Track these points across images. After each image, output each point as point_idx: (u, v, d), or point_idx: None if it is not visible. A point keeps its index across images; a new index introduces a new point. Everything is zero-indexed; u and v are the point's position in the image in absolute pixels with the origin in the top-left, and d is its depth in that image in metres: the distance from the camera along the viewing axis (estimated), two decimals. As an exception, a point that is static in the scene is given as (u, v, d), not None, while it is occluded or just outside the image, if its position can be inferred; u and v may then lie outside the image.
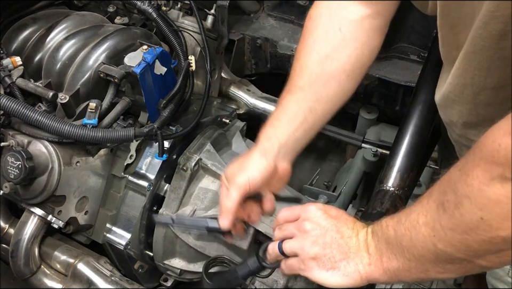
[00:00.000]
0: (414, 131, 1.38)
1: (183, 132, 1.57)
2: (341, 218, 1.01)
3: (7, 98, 1.33)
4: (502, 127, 0.71)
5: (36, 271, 1.54)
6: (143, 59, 1.43)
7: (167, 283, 1.68)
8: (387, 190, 1.31)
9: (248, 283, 1.62)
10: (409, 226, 0.86)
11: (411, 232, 0.85)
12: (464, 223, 0.76)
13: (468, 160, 0.77)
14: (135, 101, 1.49)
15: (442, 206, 0.80)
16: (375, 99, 2.01)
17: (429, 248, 0.83)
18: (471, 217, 0.74)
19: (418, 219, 0.85)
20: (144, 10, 1.61)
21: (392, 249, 0.90)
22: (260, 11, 2.14)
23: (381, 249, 0.92)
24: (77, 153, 1.47)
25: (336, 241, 0.98)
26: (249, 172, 1.11)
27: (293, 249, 1.03)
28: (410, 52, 1.93)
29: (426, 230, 0.83)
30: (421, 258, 0.85)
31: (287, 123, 1.14)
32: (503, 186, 0.70)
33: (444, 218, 0.79)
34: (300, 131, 1.15)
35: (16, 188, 1.40)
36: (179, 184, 1.54)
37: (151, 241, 1.58)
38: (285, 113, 1.15)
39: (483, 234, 0.74)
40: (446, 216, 0.79)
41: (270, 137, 1.15)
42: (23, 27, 1.58)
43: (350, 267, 0.96)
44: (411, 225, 0.86)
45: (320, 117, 1.16)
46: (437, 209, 0.81)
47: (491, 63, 0.85)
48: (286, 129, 1.14)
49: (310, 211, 1.03)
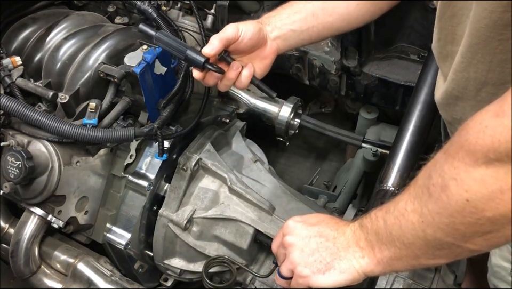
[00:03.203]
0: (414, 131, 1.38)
1: (183, 132, 1.57)
2: (321, 223, 1.02)
3: (7, 98, 1.33)
4: (491, 109, 0.72)
5: (35, 270, 1.54)
6: (143, 59, 1.42)
7: (167, 283, 1.68)
8: (387, 189, 1.30)
9: (248, 283, 1.62)
10: (398, 214, 0.87)
11: (400, 221, 0.86)
12: (450, 205, 0.76)
13: (453, 142, 0.77)
14: (135, 101, 1.49)
15: (428, 190, 0.80)
16: (375, 99, 2.01)
17: (418, 234, 0.83)
18: (457, 199, 0.75)
19: (406, 206, 0.85)
20: (144, 10, 1.60)
21: (382, 240, 0.91)
22: (259, 11, 2.14)
23: (371, 241, 0.93)
24: (77, 153, 1.47)
25: (322, 245, 0.99)
26: (245, 24, 1.18)
27: (287, 269, 1.04)
28: (410, 52, 1.93)
29: (414, 216, 0.83)
30: (411, 246, 0.86)
31: (288, 14, 1.23)
32: (487, 168, 0.70)
33: (430, 202, 0.80)
34: (296, 25, 1.22)
35: (16, 188, 1.40)
36: (179, 184, 1.54)
37: (151, 241, 1.58)
38: (290, 6, 1.24)
39: (469, 216, 0.75)
40: (433, 200, 0.79)
41: (270, 17, 1.24)
42: (23, 27, 1.58)
43: (344, 264, 0.96)
44: (400, 213, 0.86)
45: (319, 24, 1.23)
46: (423, 194, 0.82)
47: (494, 55, 0.85)
48: (285, 17, 1.23)
49: (288, 227, 1.05)
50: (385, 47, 1.94)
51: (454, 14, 0.94)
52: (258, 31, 1.18)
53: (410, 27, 1.88)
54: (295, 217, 1.08)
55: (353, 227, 0.98)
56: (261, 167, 1.71)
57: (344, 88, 2.04)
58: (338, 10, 1.22)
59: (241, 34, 1.16)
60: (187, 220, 1.51)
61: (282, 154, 2.54)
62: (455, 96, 1.01)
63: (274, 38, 1.22)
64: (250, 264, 1.63)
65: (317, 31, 1.24)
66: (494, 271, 1.19)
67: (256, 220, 1.53)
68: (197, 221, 1.54)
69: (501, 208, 0.71)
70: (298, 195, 1.70)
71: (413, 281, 1.42)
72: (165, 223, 1.54)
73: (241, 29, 1.16)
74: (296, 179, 2.44)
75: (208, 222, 1.55)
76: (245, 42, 1.17)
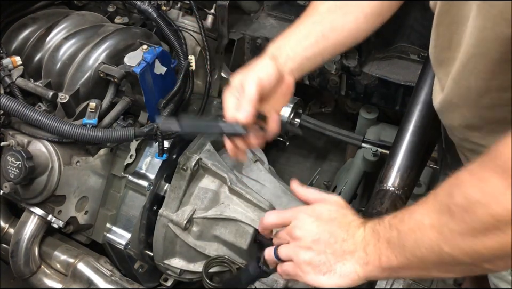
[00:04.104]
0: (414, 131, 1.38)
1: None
2: (334, 222, 1.00)
3: (7, 98, 1.33)
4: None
5: (35, 271, 1.54)
6: (143, 59, 1.43)
7: (167, 283, 1.68)
8: (387, 189, 1.30)
9: (248, 283, 1.62)
10: (414, 227, 0.84)
11: (416, 234, 0.84)
12: (475, 229, 0.74)
13: (482, 165, 0.75)
14: (135, 101, 1.49)
15: (448, 210, 0.78)
16: (375, 99, 2.00)
17: (434, 250, 0.81)
18: (483, 223, 0.73)
19: (423, 220, 0.83)
20: (144, 10, 1.61)
21: (392, 249, 0.89)
22: (259, 11, 2.13)
23: (380, 249, 0.91)
24: (77, 153, 1.47)
25: (330, 246, 0.97)
26: (262, 68, 1.09)
27: (288, 255, 1.02)
28: (410, 52, 1.93)
29: (432, 232, 0.81)
30: (424, 259, 0.84)
31: (298, 40, 1.14)
32: None
33: (451, 222, 0.78)
34: (309, 51, 1.14)
35: (16, 188, 1.40)
36: (179, 183, 1.54)
37: (151, 241, 1.58)
38: (298, 31, 1.16)
39: (494, 240, 0.73)
40: (455, 221, 0.77)
41: (280, 47, 1.14)
42: (23, 27, 1.58)
43: (346, 268, 0.95)
44: (416, 226, 0.84)
45: (331, 45, 1.16)
46: (442, 212, 0.79)
47: (496, 65, 0.84)
48: (295, 44, 1.14)
49: (299, 219, 1.02)
50: (385, 47, 1.94)
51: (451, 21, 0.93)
52: (276, 73, 1.10)
53: (410, 27, 1.87)
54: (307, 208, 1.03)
55: (364, 231, 0.95)
56: (261, 167, 1.71)
57: (344, 88, 2.03)
58: (348, 27, 1.17)
59: (264, 84, 1.08)
60: (187, 220, 1.51)
61: (282, 154, 2.54)
62: (454, 104, 1.01)
63: (290, 71, 1.14)
64: (250, 264, 1.63)
65: (329, 52, 1.18)
66: (494, 270, 1.19)
67: (256, 220, 1.53)
68: (197, 221, 1.54)
69: None
70: (298, 195, 1.70)
71: (413, 281, 1.42)
72: (165, 223, 1.54)
73: (263, 80, 1.07)
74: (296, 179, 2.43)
75: (208, 222, 1.55)
76: (269, 87, 1.10)
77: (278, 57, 1.13)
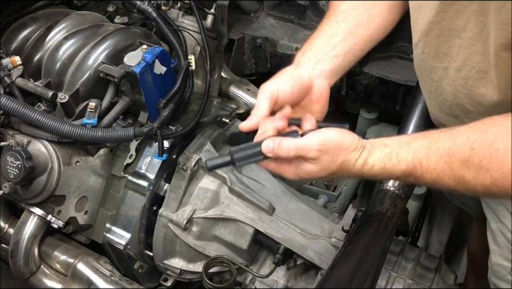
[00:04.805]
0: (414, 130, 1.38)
1: (183, 132, 1.57)
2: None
3: (6, 98, 1.33)
4: None
5: (35, 271, 1.54)
6: (142, 58, 1.42)
7: (167, 283, 1.68)
8: (387, 189, 1.30)
9: (248, 283, 1.62)
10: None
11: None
12: None
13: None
14: (135, 101, 1.49)
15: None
16: (375, 99, 2.00)
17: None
18: None
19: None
20: (144, 10, 1.60)
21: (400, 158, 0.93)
22: (259, 11, 2.13)
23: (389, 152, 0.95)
24: (76, 153, 1.47)
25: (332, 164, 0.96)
26: (279, 79, 1.07)
27: (296, 174, 1.00)
28: (410, 51, 1.92)
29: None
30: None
31: (325, 40, 1.11)
32: None
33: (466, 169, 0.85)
34: (338, 49, 1.11)
35: (15, 188, 1.40)
36: (179, 183, 1.54)
37: (151, 241, 1.58)
38: (323, 32, 1.13)
39: None
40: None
41: (305, 52, 1.12)
42: (23, 27, 1.58)
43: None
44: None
45: (360, 41, 1.14)
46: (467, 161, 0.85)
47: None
48: (323, 45, 1.11)
49: (305, 171, 0.98)
50: (385, 46, 1.94)
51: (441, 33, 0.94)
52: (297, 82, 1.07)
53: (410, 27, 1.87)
54: (312, 162, 0.97)
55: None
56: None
57: (344, 88, 2.03)
58: (373, 21, 1.15)
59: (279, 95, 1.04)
60: (187, 220, 1.51)
61: (282, 154, 2.53)
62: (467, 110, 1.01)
63: (320, 74, 1.11)
64: (250, 264, 1.63)
65: (360, 48, 1.15)
66: (494, 270, 1.19)
67: (256, 220, 1.53)
68: (196, 221, 1.54)
69: None
70: (298, 195, 1.70)
71: (413, 281, 1.41)
72: (165, 223, 1.54)
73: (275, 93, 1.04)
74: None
75: (208, 222, 1.55)
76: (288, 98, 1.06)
77: (306, 62, 1.10)
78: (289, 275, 1.60)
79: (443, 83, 1.04)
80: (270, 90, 1.04)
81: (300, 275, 1.61)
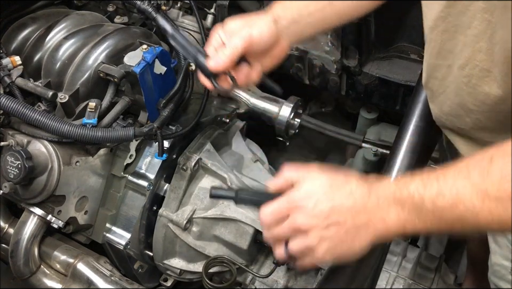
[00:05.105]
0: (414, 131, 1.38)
1: (183, 132, 1.57)
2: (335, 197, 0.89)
3: (6, 98, 1.33)
4: None
5: (35, 271, 1.54)
6: (142, 58, 1.42)
7: (167, 283, 1.68)
8: (387, 189, 1.30)
9: (248, 283, 1.62)
10: (457, 202, 0.80)
11: (459, 209, 0.80)
12: None
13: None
14: (135, 101, 1.49)
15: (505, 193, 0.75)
16: (375, 99, 2.00)
17: (488, 221, 0.78)
18: None
19: (473, 200, 0.78)
20: (144, 10, 1.60)
21: (425, 219, 0.84)
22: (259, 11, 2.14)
23: (406, 217, 0.85)
24: (76, 152, 1.47)
25: (341, 227, 0.88)
26: (259, 28, 1.08)
27: (300, 250, 0.92)
28: (411, 51, 1.93)
29: (487, 207, 0.77)
30: (462, 226, 0.82)
31: (306, 4, 1.13)
32: None
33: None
34: (313, 17, 1.14)
35: (15, 188, 1.39)
36: (179, 183, 1.54)
37: (151, 241, 1.58)
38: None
39: None
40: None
41: (286, 8, 1.13)
42: (23, 27, 1.58)
43: (363, 242, 0.89)
44: (459, 201, 0.80)
45: (335, 13, 1.15)
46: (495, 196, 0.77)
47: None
48: (303, 8, 1.13)
49: (300, 206, 0.90)
50: (385, 46, 1.94)
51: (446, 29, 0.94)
52: (272, 35, 1.10)
53: (411, 27, 1.87)
54: (297, 191, 0.91)
55: (377, 197, 0.88)
56: (261, 167, 1.71)
57: (344, 88, 2.03)
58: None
59: (253, 46, 1.08)
60: (187, 220, 1.51)
61: (282, 154, 2.54)
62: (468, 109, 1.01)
63: (288, 35, 1.14)
64: (250, 264, 1.63)
65: (331, 21, 1.17)
66: (495, 270, 1.19)
67: (256, 220, 1.53)
68: (197, 221, 1.54)
69: None
70: (299, 195, 1.70)
71: (413, 281, 1.41)
72: (165, 223, 1.54)
73: (254, 40, 1.07)
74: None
75: (208, 222, 1.55)
76: (259, 48, 1.10)
77: (282, 18, 1.12)
78: (289, 275, 1.60)
79: (446, 81, 1.04)
80: (249, 36, 1.06)
81: (299, 275, 1.61)
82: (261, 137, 1.90)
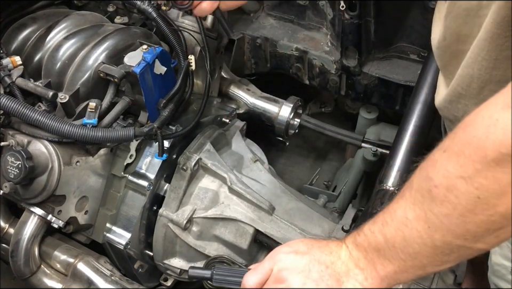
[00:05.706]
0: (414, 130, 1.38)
1: (183, 132, 1.57)
2: (312, 250, 0.97)
3: (7, 98, 1.33)
4: (499, 101, 0.68)
5: (35, 270, 1.54)
6: (143, 58, 1.42)
7: (167, 283, 1.68)
8: (387, 189, 1.31)
9: (248, 283, 1.61)
10: (399, 225, 0.83)
11: (403, 231, 0.82)
12: (460, 205, 0.73)
13: (456, 139, 0.74)
14: (135, 101, 1.49)
15: (429, 193, 0.77)
16: (375, 99, 2.01)
17: (425, 242, 0.80)
18: (467, 198, 0.72)
19: (406, 215, 0.81)
20: (144, 10, 1.60)
21: (385, 255, 0.87)
22: (259, 11, 2.14)
23: (373, 259, 0.89)
24: (76, 152, 1.47)
25: (324, 273, 0.94)
26: None
27: None
28: (410, 52, 1.93)
29: (419, 223, 0.79)
30: (417, 255, 0.83)
31: None
32: (498, 163, 0.67)
33: (435, 205, 0.76)
34: None
35: (16, 188, 1.40)
36: (179, 183, 1.54)
37: (151, 240, 1.58)
38: None
39: (481, 214, 0.72)
40: (438, 203, 0.76)
41: None
42: (23, 27, 1.58)
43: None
44: (400, 223, 0.82)
45: None
46: (423, 198, 0.78)
47: (499, 52, 0.83)
48: None
49: (281, 260, 0.98)
50: (385, 47, 1.94)
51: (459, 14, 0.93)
52: None
53: (410, 27, 1.88)
54: (281, 248, 1.00)
55: (347, 248, 0.93)
56: (261, 167, 1.71)
57: (344, 88, 2.04)
58: None
59: None
60: (187, 220, 1.51)
61: (282, 154, 2.54)
62: (458, 93, 1.01)
63: None
64: (250, 264, 1.63)
65: None
66: (494, 269, 1.19)
67: (256, 220, 1.53)
68: (197, 220, 1.54)
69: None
70: (298, 195, 1.70)
71: (413, 281, 1.42)
72: (165, 222, 1.54)
73: None
74: (296, 179, 2.43)
75: (208, 222, 1.55)
76: None
77: None
78: (289, 275, 1.60)
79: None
80: None
81: None
82: (261, 137, 1.90)
